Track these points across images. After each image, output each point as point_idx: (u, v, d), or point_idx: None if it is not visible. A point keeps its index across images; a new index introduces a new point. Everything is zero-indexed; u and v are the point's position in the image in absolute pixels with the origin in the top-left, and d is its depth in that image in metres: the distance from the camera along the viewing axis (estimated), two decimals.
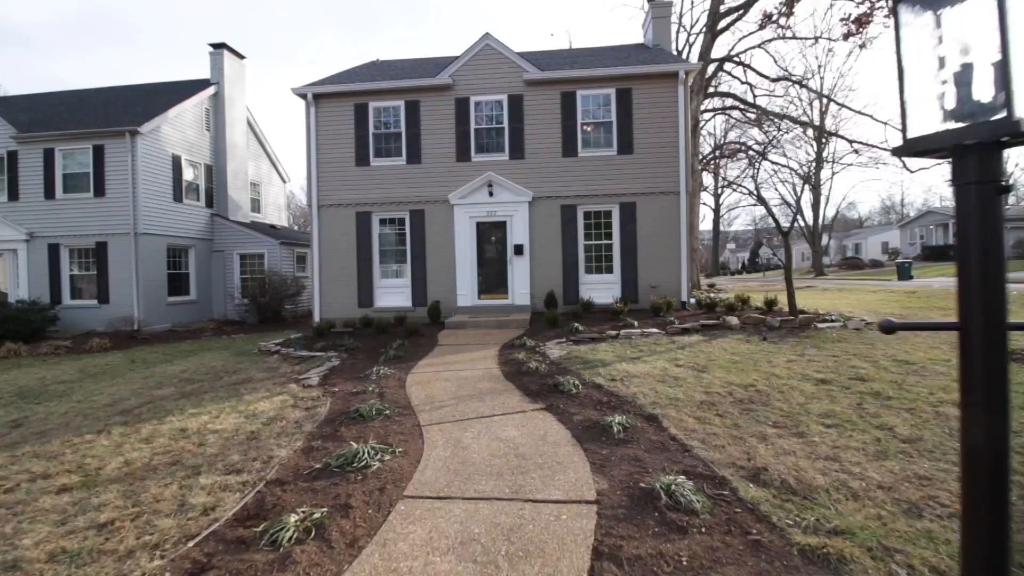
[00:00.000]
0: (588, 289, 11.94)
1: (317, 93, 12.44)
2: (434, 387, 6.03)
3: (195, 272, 17.11)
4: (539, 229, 12.04)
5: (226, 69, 18.23)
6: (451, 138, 12.29)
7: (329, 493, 3.25)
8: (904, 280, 25.19)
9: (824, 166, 31.51)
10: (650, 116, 11.83)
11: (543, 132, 12.08)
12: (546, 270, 11.99)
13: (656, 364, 6.63)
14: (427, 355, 8.14)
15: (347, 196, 12.52)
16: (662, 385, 5.63)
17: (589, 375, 6.15)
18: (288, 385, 6.71)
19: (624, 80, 11.88)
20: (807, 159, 29.90)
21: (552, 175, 12.04)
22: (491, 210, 12.12)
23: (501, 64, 12.16)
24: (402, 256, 12.56)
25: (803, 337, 8.08)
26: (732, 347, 7.58)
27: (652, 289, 11.75)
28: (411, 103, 12.38)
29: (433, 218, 12.32)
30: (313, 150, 12.54)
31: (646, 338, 8.37)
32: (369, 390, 5.91)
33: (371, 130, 12.48)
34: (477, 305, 12.06)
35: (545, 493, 3.14)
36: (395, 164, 12.45)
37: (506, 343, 8.69)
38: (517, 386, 5.85)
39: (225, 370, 8.52)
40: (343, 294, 12.53)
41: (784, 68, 18.51)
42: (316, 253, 12.59)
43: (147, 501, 3.49)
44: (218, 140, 18.14)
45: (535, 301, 11.91)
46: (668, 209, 11.79)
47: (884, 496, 3.10)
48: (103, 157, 15.02)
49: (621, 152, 11.90)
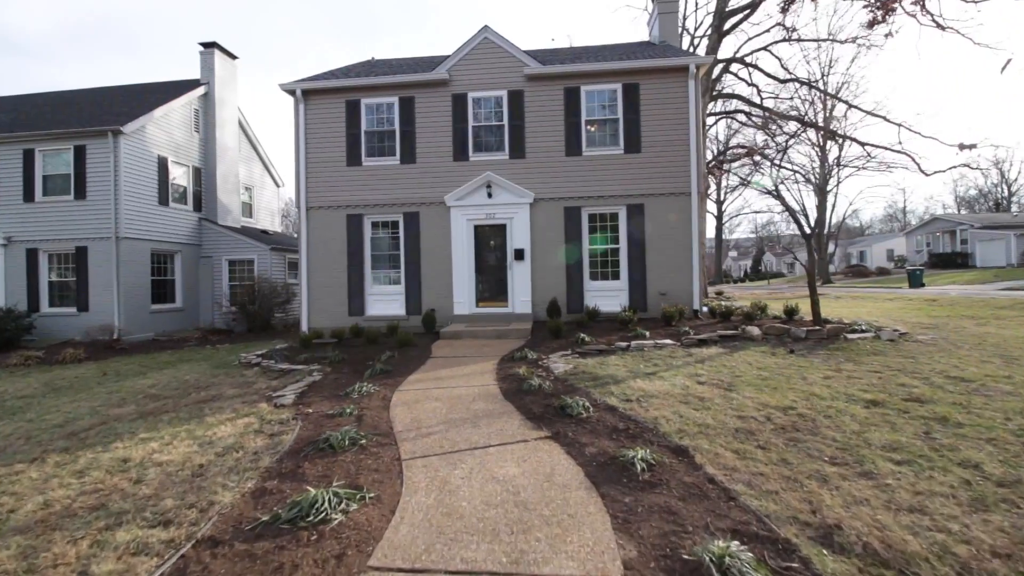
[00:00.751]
0: (594, 296, 11.19)
1: (307, 89, 11.77)
2: (422, 408, 5.25)
3: (181, 278, 16.37)
4: (541, 232, 11.31)
5: (217, 69, 17.61)
6: (448, 136, 11.60)
7: (270, 563, 2.47)
8: (916, 288, 24.40)
9: (832, 171, 30.82)
10: (659, 113, 11.14)
11: (545, 130, 11.39)
12: (549, 276, 11.24)
13: (675, 381, 5.86)
14: (418, 369, 7.36)
15: (337, 197, 11.80)
16: (686, 407, 4.85)
17: (600, 394, 5.38)
18: (258, 405, 5.93)
19: (631, 75, 11.20)
20: (812, 165, 29.23)
21: (555, 175, 11.33)
22: (490, 212, 11.40)
23: (501, 58, 11.50)
24: (395, 261, 11.82)
25: (833, 349, 7.30)
26: (757, 361, 6.80)
27: (662, 296, 10.99)
28: (405, 100, 11.70)
29: (428, 221, 11.60)
30: (302, 149, 11.85)
31: (660, 350, 7.59)
32: (347, 412, 5.13)
33: (363, 128, 11.79)
34: (475, 313, 11.29)
35: (555, 566, 2.36)
36: (388, 164, 11.75)
37: (505, 355, 7.92)
38: (517, 407, 5.08)
39: (197, 385, 7.76)
40: (332, 302, 11.77)
41: (789, 71, 17.86)
42: (304, 258, 11.85)
43: (43, 566, 2.72)
44: (207, 142, 17.47)
45: (537, 309, 11.15)
46: (678, 211, 11.06)
47: (1006, 570, 2.32)
48: (85, 158, 14.34)
49: (628, 151, 11.19)
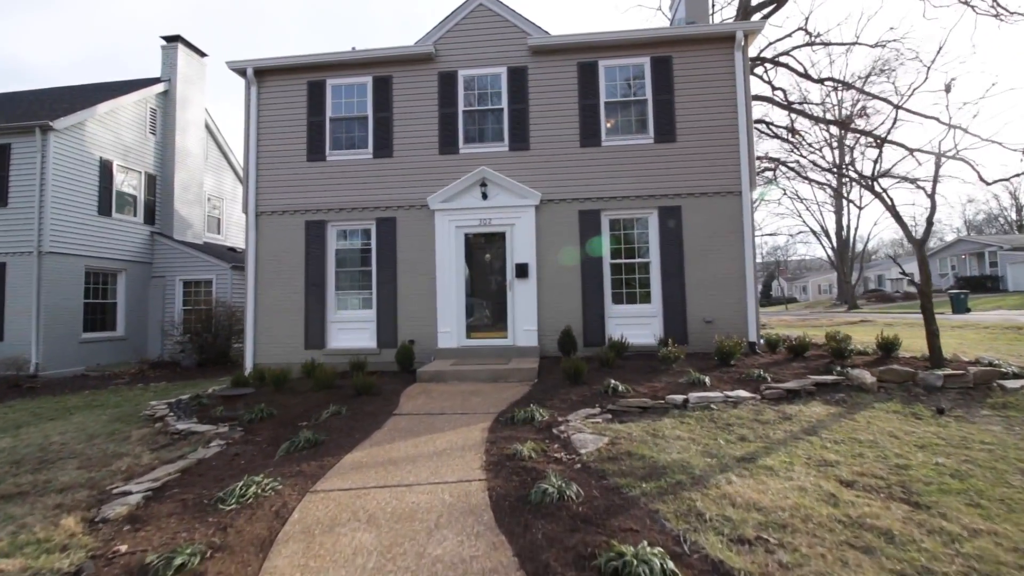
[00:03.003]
0: (618, 324, 8.67)
1: (261, 68, 9.53)
2: (332, 552, 2.70)
3: (125, 302, 13.91)
4: (550, 243, 8.88)
5: (180, 66, 15.53)
6: (433, 124, 9.29)
7: None
8: (961, 313, 21.81)
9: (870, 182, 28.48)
10: (698, 92, 8.83)
11: (554, 115, 9.08)
12: (560, 298, 8.76)
13: (800, 479, 3.30)
14: (367, 438, 4.80)
15: (295, 200, 9.43)
16: (863, 557, 2.30)
17: (676, 517, 2.82)
18: (67, 518, 3.38)
19: (662, 45, 8.94)
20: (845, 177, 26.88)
21: (567, 171, 8.96)
22: (485, 217, 8.99)
23: (499, 28, 9.28)
24: (366, 280, 9.36)
25: (997, 407, 4.75)
26: (902, 430, 4.25)
27: (707, 325, 8.48)
28: (381, 80, 9.44)
29: (408, 229, 9.19)
30: (252, 141, 9.54)
31: (736, 408, 5.03)
32: (186, 557, 2.59)
33: (328, 115, 9.50)
34: (465, 347, 8.76)
35: None
36: (359, 159, 9.41)
37: (502, 412, 5.38)
38: (520, 553, 2.53)
39: (58, 452, 5.31)
40: (286, 331, 9.27)
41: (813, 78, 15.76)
42: (251, 276, 9.41)
43: None
44: (165, 146, 15.26)
45: (545, 341, 8.63)
46: (725, 215, 8.64)
47: None
48: (7, 159, 12.08)
49: (660, 139, 8.85)
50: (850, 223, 32.36)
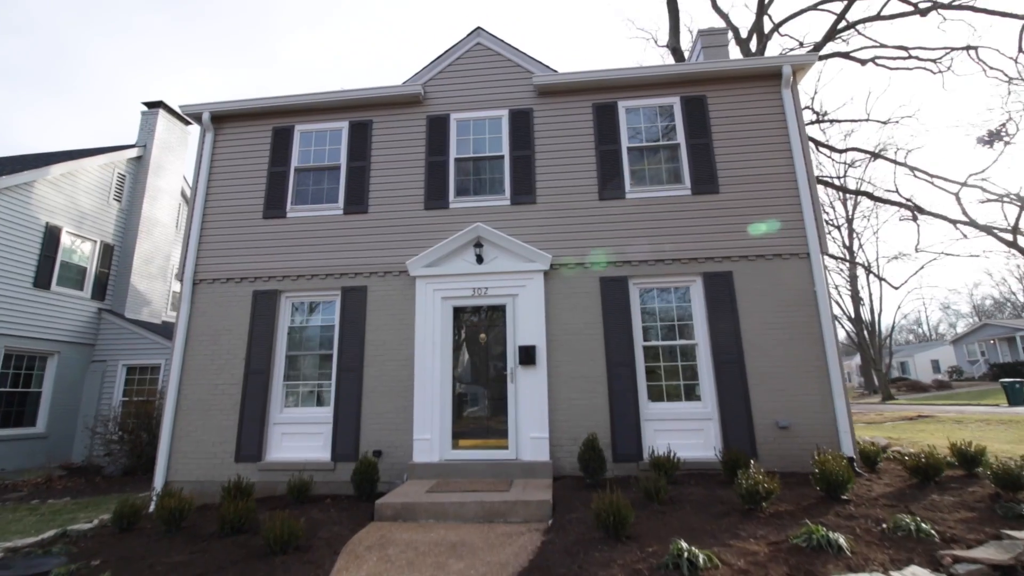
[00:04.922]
0: (657, 430, 6.36)
1: (220, 113, 8.07)
2: None
3: (52, 392, 11.61)
4: (564, 319, 6.81)
5: (159, 131, 14.46)
6: (418, 174, 7.62)
7: None
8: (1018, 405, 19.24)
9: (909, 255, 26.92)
10: (741, 136, 7.23)
11: (567, 162, 7.42)
12: (579, 394, 6.52)
13: None
14: None
15: (244, 265, 7.54)
16: None
17: None
18: None
19: (694, 84, 7.49)
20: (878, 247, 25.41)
21: (584, 228, 7.12)
22: (480, 286, 7.01)
23: (499, 68, 7.92)
24: (325, 367, 7.19)
25: None
26: None
27: (781, 432, 6.16)
28: (359, 125, 7.93)
29: (381, 300, 7.18)
30: (200, 196, 7.84)
31: None
32: None
33: (293, 164, 7.88)
34: (449, 462, 6.38)
35: None
36: (326, 215, 7.65)
37: None
38: None
39: None
40: (213, 436, 6.95)
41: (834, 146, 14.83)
42: (177, 360, 7.27)
43: None
44: (130, 213, 13.76)
45: (560, 454, 6.28)
46: (790, 283, 6.65)
47: None
48: None
49: (699, 190, 7.09)
50: (873, 306, 30.36)
